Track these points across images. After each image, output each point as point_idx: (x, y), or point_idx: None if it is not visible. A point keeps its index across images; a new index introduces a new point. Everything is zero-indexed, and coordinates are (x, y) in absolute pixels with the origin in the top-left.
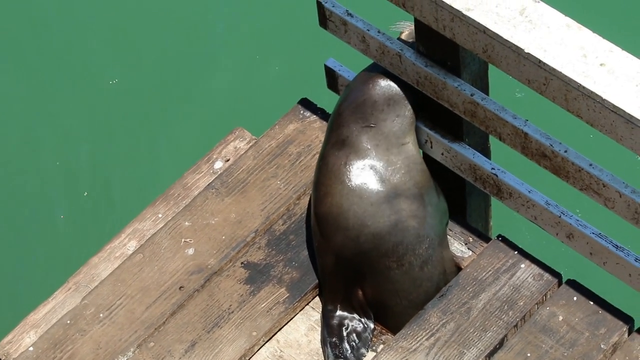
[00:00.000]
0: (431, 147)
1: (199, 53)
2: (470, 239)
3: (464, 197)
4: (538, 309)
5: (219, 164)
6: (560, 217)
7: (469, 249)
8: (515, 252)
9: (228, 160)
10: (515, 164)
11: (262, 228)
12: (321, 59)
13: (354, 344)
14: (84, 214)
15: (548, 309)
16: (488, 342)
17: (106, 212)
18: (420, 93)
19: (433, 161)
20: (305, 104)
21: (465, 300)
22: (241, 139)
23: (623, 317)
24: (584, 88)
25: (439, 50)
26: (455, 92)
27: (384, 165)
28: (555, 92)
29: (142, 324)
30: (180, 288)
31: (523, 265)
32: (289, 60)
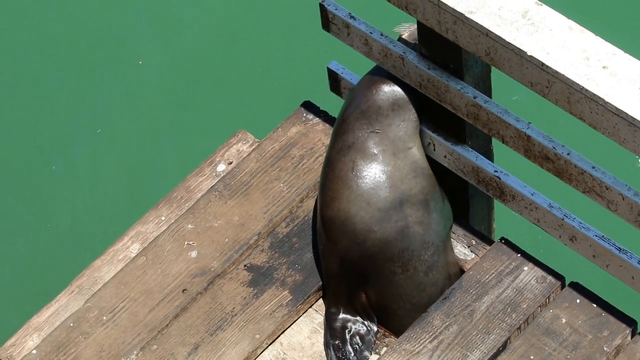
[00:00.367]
0: (434, 150)
1: (201, 55)
2: (473, 242)
3: (467, 200)
4: (541, 311)
5: (221, 167)
6: (563, 220)
7: (471, 251)
8: (518, 255)
9: (231, 163)
10: (518, 167)
11: (265, 231)
12: (324, 61)
13: (357, 347)
14: (87, 216)
15: (551, 311)
16: (491, 345)
17: (109, 215)
18: (423, 96)
19: (436, 164)
20: (308, 106)
21: (468, 302)
22: (244, 142)
23: (626, 320)
24: (586, 91)
25: (442, 52)
26: (458, 95)
27: (391, 171)
28: (558, 95)
29: (145, 327)
30: (183, 291)
31: (526, 268)
32: (291, 63)
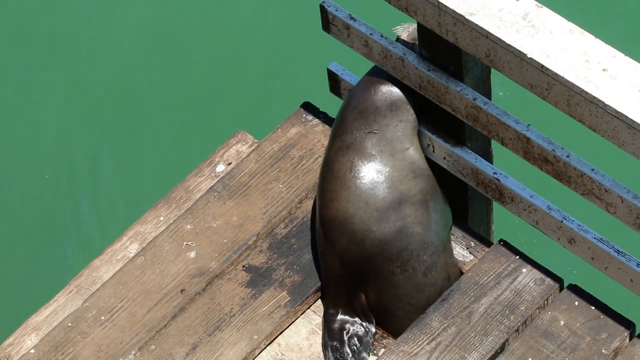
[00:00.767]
0: (433, 151)
1: (201, 56)
2: (472, 244)
3: (466, 202)
4: (539, 313)
5: (221, 167)
6: (562, 222)
7: (470, 253)
8: (517, 257)
9: (230, 164)
10: (517, 169)
11: (264, 231)
12: (324, 62)
13: (355, 348)
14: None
15: (549, 313)
16: (489, 347)
17: (108, 215)
18: (423, 97)
19: (435, 165)
20: (308, 107)
21: (466, 304)
22: (243, 143)
23: (624, 322)
24: (586, 93)
25: (442, 54)
26: (458, 97)
27: (389, 171)
28: (558, 97)
29: (144, 327)
30: (181, 291)
31: (524, 270)
32: (291, 64)
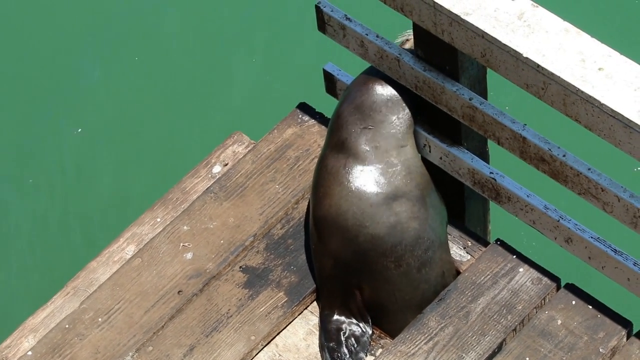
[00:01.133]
0: (430, 152)
1: (197, 58)
2: (469, 243)
3: (463, 201)
4: (537, 313)
5: (217, 168)
6: (558, 221)
7: (467, 253)
8: (514, 256)
9: (227, 165)
10: (513, 169)
11: (261, 232)
12: (320, 63)
13: (353, 349)
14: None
15: (547, 313)
16: (487, 346)
17: (105, 216)
18: (419, 97)
19: (432, 165)
20: (304, 108)
21: (463, 304)
22: (240, 143)
23: (622, 321)
24: (582, 92)
25: (438, 54)
26: (454, 97)
27: (383, 168)
28: (554, 97)
29: (141, 328)
30: (178, 292)
31: (522, 270)
32: (287, 65)
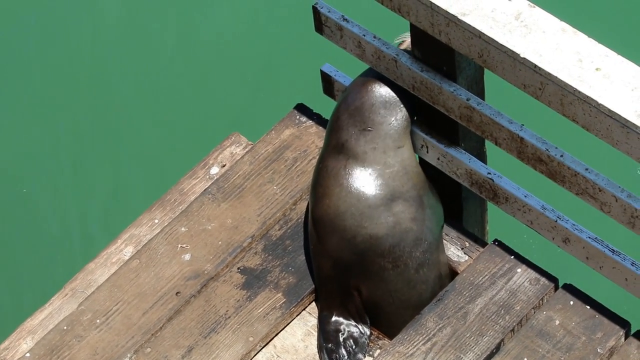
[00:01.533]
0: (427, 152)
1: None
2: (467, 244)
3: (460, 202)
4: (535, 313)
5: (215, 170)
6: (556, 222)
7: (465, 253)
8: (512, 257)
9: (224, 166)
10: (511, 169)
11: (259, 233)
12: (317, 64)
13: (351, 349)
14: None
15: (545, 313)
16: (485, 347)
17: (103, 218)
18: (416, 98)
19: (429, 166)
20: (301, 109)
21: (461, 304)
22: (237, 145)
23: (619, 321)
24: (579, 93)
25: (435, 55)
26: (451, 97)
27: (381, 168)
28: (551, 97)
29: (139, 330)
30: (176, 293)
31: (519, 270)
32: (285, 66)
